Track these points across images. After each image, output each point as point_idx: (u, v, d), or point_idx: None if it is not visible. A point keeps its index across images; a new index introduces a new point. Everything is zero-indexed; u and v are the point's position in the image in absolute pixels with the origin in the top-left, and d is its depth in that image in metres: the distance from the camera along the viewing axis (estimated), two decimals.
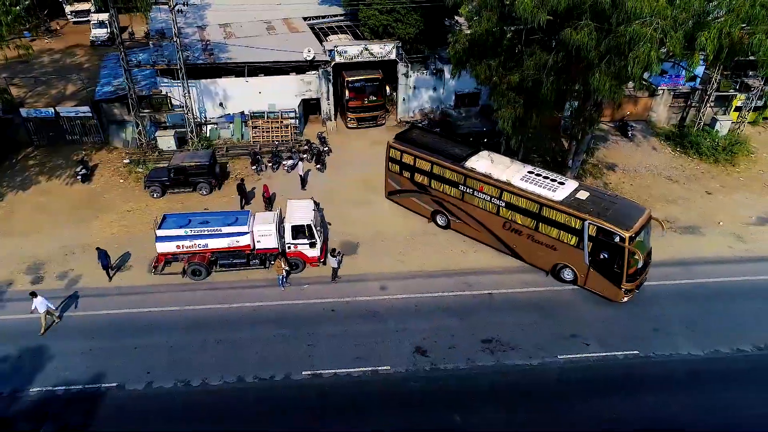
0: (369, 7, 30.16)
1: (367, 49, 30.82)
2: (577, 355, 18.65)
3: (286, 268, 21.08)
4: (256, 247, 21.57)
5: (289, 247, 21.54)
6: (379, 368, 18.16)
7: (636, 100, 32.88)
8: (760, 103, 32.76)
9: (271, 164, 28.70)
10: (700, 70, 29.48)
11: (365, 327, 19.80)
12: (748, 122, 32.59)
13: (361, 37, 32.73)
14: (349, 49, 30.89)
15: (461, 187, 22.77)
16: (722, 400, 17.24)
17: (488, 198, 22.06)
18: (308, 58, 29.93)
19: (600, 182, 27.65)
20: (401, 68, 31.84)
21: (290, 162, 28.67)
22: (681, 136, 31.52)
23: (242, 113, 31.17)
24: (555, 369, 18.17)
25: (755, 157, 30.36)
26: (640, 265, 20.11)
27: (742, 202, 26.79)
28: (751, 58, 17.63)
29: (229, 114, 31.23)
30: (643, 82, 21.33)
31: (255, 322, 19.92)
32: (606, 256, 19.71)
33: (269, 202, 25.59)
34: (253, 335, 19.39)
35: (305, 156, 29.42)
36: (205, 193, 26.75)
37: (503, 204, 21.69)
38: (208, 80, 30.08)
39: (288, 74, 30.96)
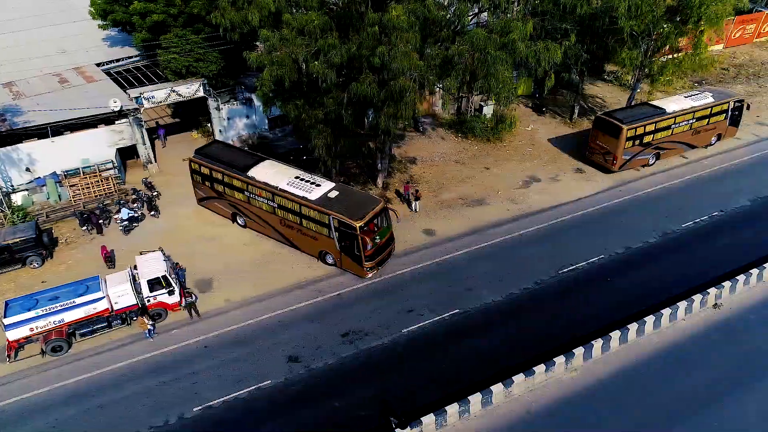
0: (167, 51, 31.20)
1: (174, 91, 31.96)
2: (417, 325, 23.35)
3: (151, 322, 22.38)
4: (115, 309, 22.41)
5: (148, 300, 22.78)
6: (261, 384, 20.86)
7: (423, 98, 38.84)
8: None
9: (101, 221, 28.65)
10: None
11: (239, 352, 22.20)
12: None
13: (163, 76, 33.55)
14: (156, 93, 31.71)
15: (246, 193, 27.09)
16: (523, 328, 23.28)
17: (266, 200, 26.47)
18: (115, 109, 30.18)
19: (406, 176, 32.89)
20: (212, 103, 33.55)
21: (122, 214, 28.93)
22: (460, 123, 38.33)
23: (54, 173, 30.30)
24: (402, 341, 22.63)
25: (515, 131, 38.33)
26: (373, 247, 24.60)
27: (512, 170, 34.16)
28: None
29: (39, 177, 30.14)
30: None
31: (134, 378, 21.07)
32: (347, 242, 24.52)
33: (110, 260, 26.03)
34: (136, 390, 20.59)
35: (135, 205, 29.88)
36: (37, 265, 26.11)
37: (276, 205, 26.17)
38: (8, 148, 28.71)
39: (96, 127, 30.80)
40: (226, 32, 22.18)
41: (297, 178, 26.08)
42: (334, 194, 25.13)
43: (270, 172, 26.61)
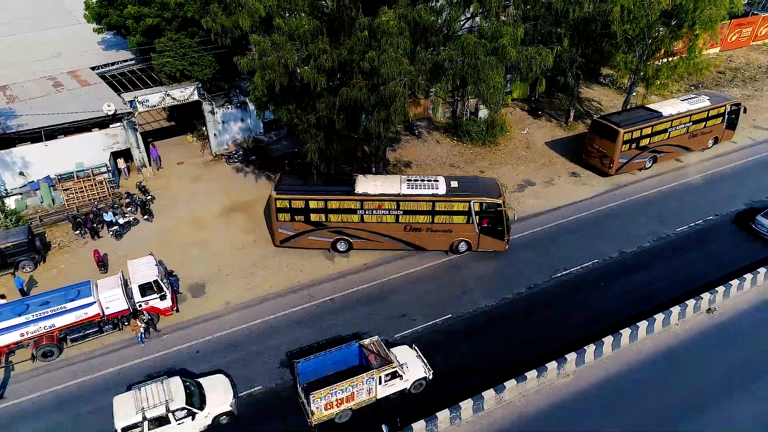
0: (161, 54, 31.18)
1: (168, 95, 31.91)
2: (409, 330, 23.27)
3: (143, 326, 22.31)
4: (106, 314, 22.34)
5: (140, 305, 22.71)
6: (253, 390, 20.79)
7: (417, 102, 38.82)
8: (507, 90, 41.31)
9: (96, 225, 28.57)
10: None
11: (230, 357, 22.13)
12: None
13: (158, 80, 33.55)
14: (150, 97, 31.65)
15: (360, 211, 25.73)
16: (515, 333, 23.20)
17: (386, 212, 25.71)
18: (109, 113, 30.13)
19: None
20: (206, 107, 33.50)
21: (114, 219, 28.87)
22: (455, 127, 38.30)
23: (48, 177, 30.25)
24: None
25: (510, 135, 38.30)
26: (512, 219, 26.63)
27: (507, 173, 34.09)
28: None
29: (33, 181, 30.08)
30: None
31: (125, 382, 20.97)
32: (488, 221, 25.80)
33: (103, 265, 25.97)
34: None
35: (128, 210, 29.82)
36: (30, 269, 26.05)
37: (402, 212, 25.68)
38: (1, 152, 28.66)
39: (91, 131, 30.77)
40: (217, 37, 22.11)
41: (410, 180, 26.16)
42: (455, 184, 26.14)
43: (377, 184, 26.00)
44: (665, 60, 34.60)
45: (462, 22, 21.71)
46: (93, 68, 35.18)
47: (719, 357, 22.01)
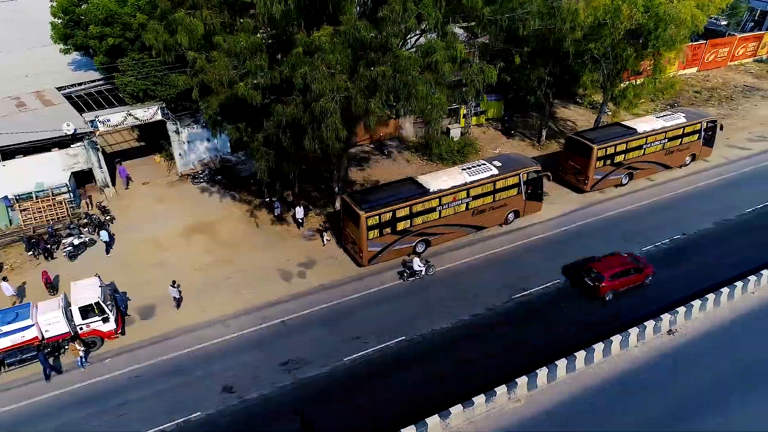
0: (124, 74, 31.02)
1: (131, 115, 31.70)
2: (359, 353, 22.56)
3: (83, 348, 21.63)
4: (46, 337, 21.68)
5: (81, 328, 22.06)
6: (192, 416, 20.02)
7: (387, 121, 38.64)
8: (480, 109, 41.28)
9: (49, 246, 28.06)
10: None
11: (173, 381, 21.40)
12: (474, 124, 40.60)
13: (124, 100, 33.36)
14: (112, 117, 31.44)
15: (439, 208, 27.20)
16: (468, 357, 22.47)
17: (460, 202, 27.64)
18: (69, 133, 29.84)
19: None
20: (171, 127, 33.26)
21: (69, 240, 28.36)
22: (426, 146, 38.02)
23: (5, 198, 29.83)
24: (341, 370, 21.83)
25: (481, 153, 37.99)
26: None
27: None
28: None
29: None
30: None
31: (61, 409, 20.26)
32: (532, 187, 29.53)
33: (51, 286, 25.37)
34: (63, 421, 19.77)
35: (84, 230, 29.33)
36: None
37: (471, 198, 27.83)
38: None
39: (50, 150, 30.45)
40: (159, 54, 21.89)
41: (465, 170, 28.42)
42: (498, 164, 28.98)
43: (445, 179, 27.76)
44: (632, 80, 34.50)
45: (408, 39, 21.48)
46: (59, 88, 34.99)
47: (680, 380, 21.26)
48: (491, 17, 21.33)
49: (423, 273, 26.25)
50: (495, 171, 28.63)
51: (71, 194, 31.18)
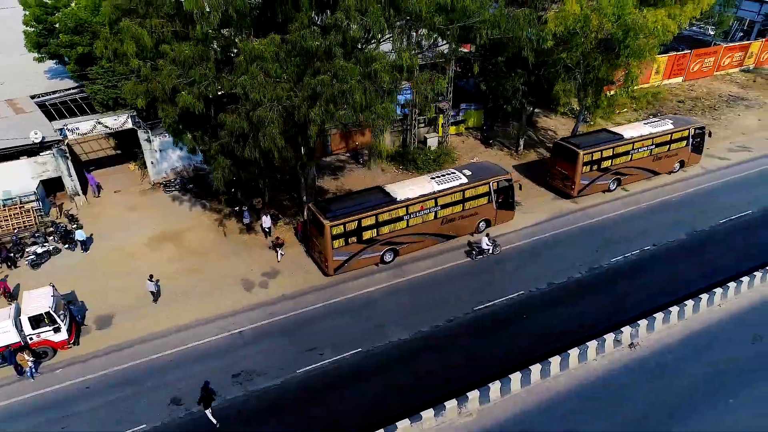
0: (93, 82, 30.99)
1: (100, 123, 31.63)
2: (314, 365, 22.21)
3: (32, 359, 21.37)
4: None
5: (31, 338, 21.81)
6: (136, 429, 19.68)
7: (363, 130, 38.47)
8: (460, 118, 41.10)
9: (12, 254, 27.89)
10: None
11: (123, 393, 21.10)
12: (453, 133, 40.39)
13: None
14: (81, 125, 31.37)
15: (406, 216, 27.00)
16: (423, 369, 22.10)
17: (428, 211, 27.46)
18: (36, 141, 29.77)
19: None
20: (142, 135, 33.17)
21: (32, 248, 28.19)
22: (402, 155, 37.80)
23: None
24: (294, 382, 21.47)
25: (458, 162, 37.69)
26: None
27: None
28: None
29: None
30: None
31: (7, 420, 19.97)
32: (503, 196, 29.42)
33: (10, 296, 25.17)
34: None
35: (50, 239, 29.15)
36: None
37: (440, 207, 27.68)
38: None
39: (18, 158, 30.39)
40: (110, 61, 21.77)
41: (434, 178, 28.44)
42: (468, 172, 28.95)
43: (411, 188, 27.62)
44: (607, 90, 34.26)
45: (363, 47, 21.32)
46: (33, 96, 35.01)
47: (640, 394, 20.81)
48: (443, 26, 21.16)
49: (491, 251, 27.61)
50: (464, 180, 28.49)
51: (40, 202, 31.07)
